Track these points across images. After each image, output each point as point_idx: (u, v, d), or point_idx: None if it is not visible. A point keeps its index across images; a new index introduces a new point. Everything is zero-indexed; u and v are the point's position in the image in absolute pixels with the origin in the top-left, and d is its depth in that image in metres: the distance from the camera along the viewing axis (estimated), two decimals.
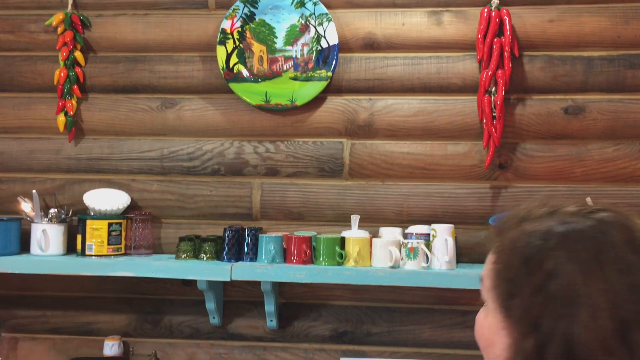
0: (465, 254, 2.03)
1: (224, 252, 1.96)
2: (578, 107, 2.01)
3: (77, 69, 2.16)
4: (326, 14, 2.07)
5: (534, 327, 0.77)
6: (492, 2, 1.98)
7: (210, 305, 2.04)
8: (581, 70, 2.01)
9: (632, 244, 0.80)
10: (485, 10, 1.98)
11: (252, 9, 2.11)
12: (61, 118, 2.15)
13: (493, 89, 1.98)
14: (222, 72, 2.11)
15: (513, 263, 0.82)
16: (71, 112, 2.15)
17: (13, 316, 2.20)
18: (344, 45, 2.09)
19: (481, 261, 2.00)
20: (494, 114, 1.96)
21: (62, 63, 2.14)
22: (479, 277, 0.91)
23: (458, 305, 2.04)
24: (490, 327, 0.85)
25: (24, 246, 2.06)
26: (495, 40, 1.96)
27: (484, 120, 1.98)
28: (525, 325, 0.78)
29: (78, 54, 2.16)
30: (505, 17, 1.96)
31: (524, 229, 0.84)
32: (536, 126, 2.02)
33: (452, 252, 1.88)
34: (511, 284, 0.81)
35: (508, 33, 1.95)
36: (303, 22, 2.09)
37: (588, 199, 1.96)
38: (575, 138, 2.01)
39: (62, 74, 2.14)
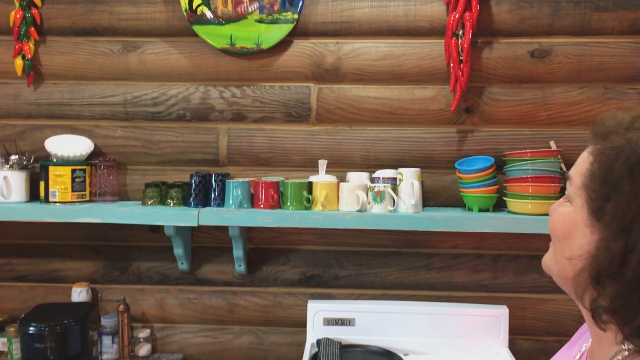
0: (431, 198, 2.05)
1: (191, 198, 1.95)
2: (544, 50, 2.01)
3: (34, 10, 2.08)
4: None
5: (627, 231, 0.83)
6: None
7: (178, 251, 2.04)
8: (548, 13, 2.00)
9: None
10: None
11: None
12: (18, 62, 2.09)
13: (460, 32, 1.96)
14: (185, 14, 2.05)
15: (615, 169, 0.87)
16: (29, 56, 2.08)
17: None
18: None
19: (447, 205, 2.06)
20: (461, 58, 1.95)
21: (17, 4, 2.06)
22: (567, 176, 0.97)
23: (424, 248, 2.08)
24: (572, 222, 0.93)
25: None
26: None
27: (451, 64, 1.97)
28: (617, 228, 0.85)
29: None
30: None
31: (629, 138, 0.87)
32: (503, 70, 2.03)
33: (418, 195, 1.89)
34: (610, 188, 0.87)
35: None
36: None
37: (552, 143, 2.00)
38: (540, 82, 2.02)
39: (17, 16, 2.06)
